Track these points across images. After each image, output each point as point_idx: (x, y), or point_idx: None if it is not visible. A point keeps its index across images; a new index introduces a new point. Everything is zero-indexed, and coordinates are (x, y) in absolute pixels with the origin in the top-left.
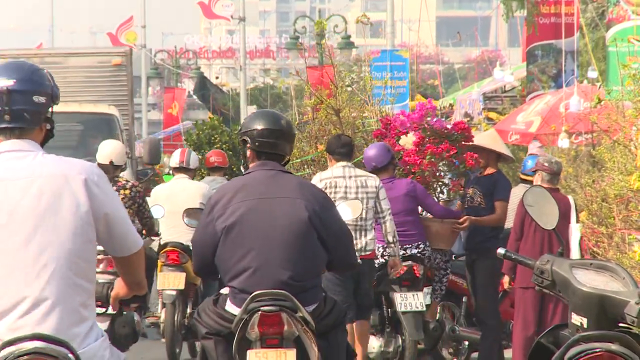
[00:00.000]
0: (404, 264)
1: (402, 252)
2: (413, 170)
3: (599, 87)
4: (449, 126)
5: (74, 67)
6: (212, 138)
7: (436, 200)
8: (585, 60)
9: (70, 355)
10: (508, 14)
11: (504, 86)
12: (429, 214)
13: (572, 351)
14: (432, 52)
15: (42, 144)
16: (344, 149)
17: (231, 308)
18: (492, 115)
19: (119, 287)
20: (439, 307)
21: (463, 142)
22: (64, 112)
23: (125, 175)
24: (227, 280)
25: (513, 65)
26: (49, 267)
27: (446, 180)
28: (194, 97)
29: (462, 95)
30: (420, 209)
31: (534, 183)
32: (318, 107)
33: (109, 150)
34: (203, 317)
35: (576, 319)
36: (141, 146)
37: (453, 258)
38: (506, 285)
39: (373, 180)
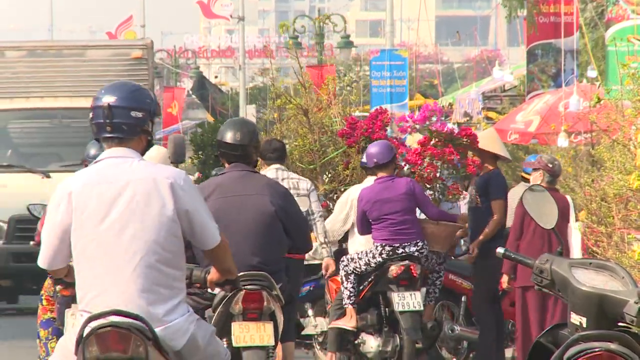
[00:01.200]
0: (401, 263)
1: (400, 250)
2: (412, 170)
3: (599, 87)
4: (455, 130)
5: (92, 60)
6: (214, 142)
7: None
8: (585, 59)
9: (146, 329)
10: (511, 14)
11: (503, 85)
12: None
13: (572, 350)
14: (431, 51)
15: (143, 153)
16: (274, 154)
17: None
18: (492, 114)
19: (213, 273)
20: (437, 307)
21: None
22: (80, 108)
23: None
24: (206, 265)
25: (512, 65)
26: (137, 255)
27: (448, 184)
28: (193, 96)
29: (462, 95)
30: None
31: (532, 181)
32: (285, 107)
33: (153, 155)
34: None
35: (575, 319)
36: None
37: (453, 258)
38: (505, 285)
39: (305, 183)
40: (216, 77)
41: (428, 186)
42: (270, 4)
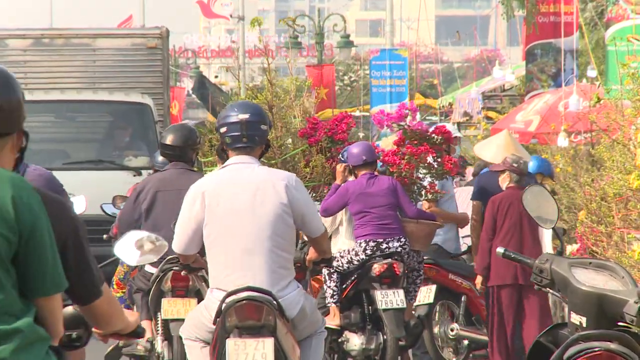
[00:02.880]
0: (384, 261)
1: (384, 246)
2: (391, 170)
3: (598, 86)
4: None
5: (103, 49)
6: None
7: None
8: (585, 59)
9: (274, 302)
10: (508, 13)
11: (503, 85)
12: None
13: (571, 350)
14: (431, 51)
15: (259, 158)
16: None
17: (150, 269)
18: (491, 114)
19: (312, 253)
20: (437, 307)
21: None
22: (93, 101)
23: None
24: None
25: (512, 65)
26: (263, 243)
27: (425, 183)
28: (193, 96)
29: (461, 95)
30: None
31: (501, 183)
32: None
33: None
34: (136, 281)
35: (575, 318)
36: None
37: (451, 257)
38: (478, 286)
39: None
40: (216, 76)
41: (407, 186)
42: (270, 4)
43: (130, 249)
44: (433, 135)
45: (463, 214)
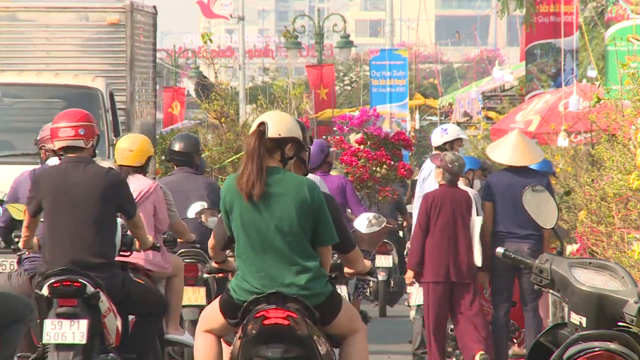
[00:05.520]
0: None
1: None
2: (346, 171)
3: (598, 86)
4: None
5: (56, 25)
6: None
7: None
8: (585, 59)
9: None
10: (504, 10)
11: (503, 85)
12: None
13: (571, 350)
14: (431, 51)
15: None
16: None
17: None
18: (491, 114)
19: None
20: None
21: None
22: (33, 85)
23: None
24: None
25: (512, 65)
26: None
27: (377, 186)
28: (193, 96)
29: (461, 95)
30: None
31: (436, 177)
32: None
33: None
34: None
35: (575, 318)
36: None
37: None
38: (409, 281)
39: None
40: (216, 76)
41: (359, 187)
42: (270, 4)
43: None
44: (392, 141)
45: None
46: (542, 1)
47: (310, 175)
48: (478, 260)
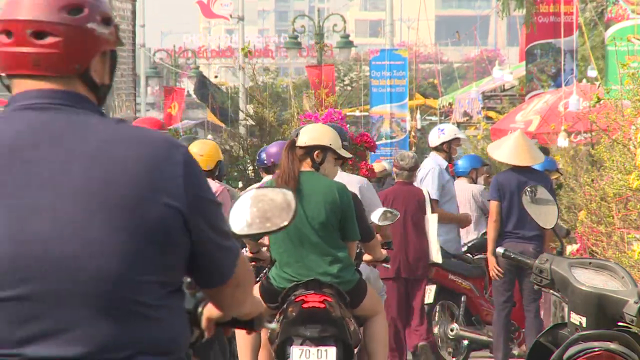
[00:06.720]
0: None
1: None
2: None
3: (598, 86)
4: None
5: None
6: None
7: None
8: (585, 59)
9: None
10: (504, 11)
11: (503, 85)
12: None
13: (571, 350)
14: (431, 51)
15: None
16: None
17: None
18: (491, 114)
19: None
20: (437, 307)
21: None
22: None
23: None
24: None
25: (512, 65)
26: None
27: None
28: (194, 96)
29: (461, 95)
30: None
31: (397, 178)
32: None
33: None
34: None
35: (575, 318)
36: None
37: (452, 258)
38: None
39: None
40: (216, 76)
41: None
42: (270, 4)
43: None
44: (356, 143)
45: (464, 214)
46: (542, 1)
47: (359, 179)
48: (436, 257)
